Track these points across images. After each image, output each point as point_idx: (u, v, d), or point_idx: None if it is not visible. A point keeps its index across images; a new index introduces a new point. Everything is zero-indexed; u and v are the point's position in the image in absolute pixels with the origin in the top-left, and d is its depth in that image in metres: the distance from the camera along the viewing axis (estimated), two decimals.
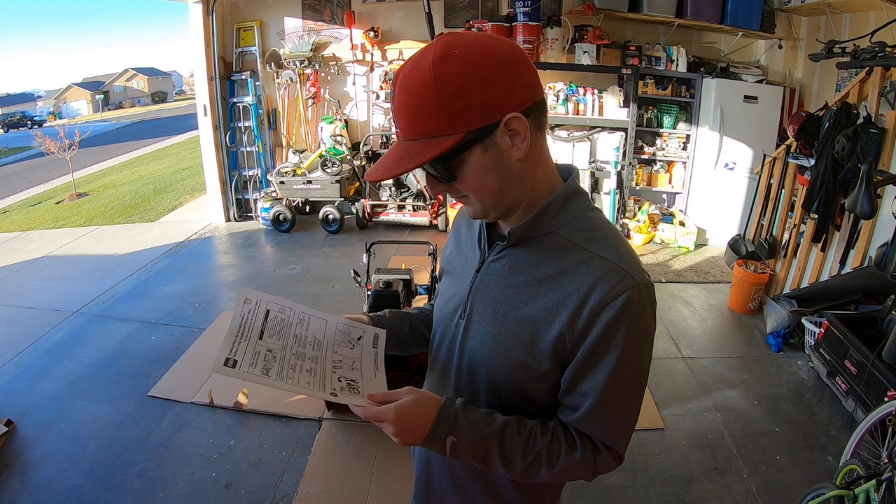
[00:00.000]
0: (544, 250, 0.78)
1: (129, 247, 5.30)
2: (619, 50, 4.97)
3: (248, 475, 2.32)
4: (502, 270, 0.81)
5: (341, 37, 5.34)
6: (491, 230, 0.87)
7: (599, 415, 0.77)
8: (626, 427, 0.80)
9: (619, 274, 0.72)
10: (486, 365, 0.82)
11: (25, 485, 2.28)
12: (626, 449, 0.81)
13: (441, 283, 0.98)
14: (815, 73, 4.64)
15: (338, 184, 5.18)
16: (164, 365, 3.11)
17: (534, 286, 0.77)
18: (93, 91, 41.30)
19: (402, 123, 0.72)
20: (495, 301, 0.81)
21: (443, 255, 1.01)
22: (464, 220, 0.97)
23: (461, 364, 0.86)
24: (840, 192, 2.99)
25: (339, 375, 0.82)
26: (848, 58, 2.93)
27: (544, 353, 0.76)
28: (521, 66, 0.70)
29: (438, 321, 0.94)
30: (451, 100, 0.67)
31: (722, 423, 2.63)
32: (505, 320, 0.79)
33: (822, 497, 1.78)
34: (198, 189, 7.94)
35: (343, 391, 0.80)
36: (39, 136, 10.17)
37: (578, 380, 0.76)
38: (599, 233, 0.78)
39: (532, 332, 0.76)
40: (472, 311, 0.84)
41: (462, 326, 0.86)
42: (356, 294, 3.82)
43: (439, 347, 0.93)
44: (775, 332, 3.30)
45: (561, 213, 0.78)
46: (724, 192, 4.83)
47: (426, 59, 0.68)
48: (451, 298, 0.90)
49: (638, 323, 0.72)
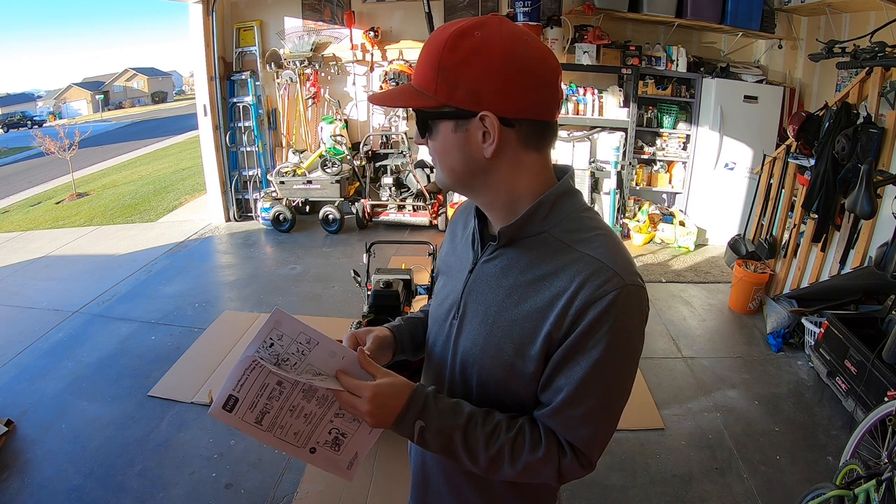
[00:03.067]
0: (535, 251, 0.78)
1: (129, 247, 5.30)
2: (619, 50, 4.97)
3: (248, 475, 2.32)
4: (494, 271, 0.81)
5: (341, 37, 5.34)
6: (484, 231, 0.87)
7: (571, 412, 0.74)
8: (599, 431, 0.76)
9: (607, 273, 0.71)
10: (477, 366, 0.82)
11: (25, 485, 2.28)
12: (598, 457, 0.78)
13: (437, 283, 0.98)
14: (815, 73, 4.64)
15: (338, 184, 5.17)
16: (164, 365, 3.11)
17: (524, 287, 0.77)
18: (93, 91, 41.31)
19: (416, 67, 0.77)
20: (487, 302, 0.81)
21: (439, 256, 1.01)
22: (460, 221, 0.97)
23: (454, 364, 0.86)
24: (840, 192, 2.98)
25: (335, 427, 0.81)
26: (848, 58, 2.93)
27: (534, 355, 0.76)
28: (534, 81, 0.71)
29: (433, 321, 0.94)
30: (447, 70, 0.71)
31: (722, 423, 2.63)
32: (496, 322, 0.79)
33: (822, 497, 1.78)
34: (198, 189, 7.94)
35: (323, 447, 0.81)
36: (39, 136, 10.17)
37: (555, 374, 0.75)
38: (591, 233, 0.77)
39: (522, 334, 0.76)
40: (464, 311, 0.84)
41: (455, 327, 0.86)
42: (356, 294, 3.82)
43: (433, 347, 0.93)
44: (775, 332, 3.30)
45: (552, 213, 0.78)
46: (724, 192, 4.83)
47: (458, 25, 0.72)
48: (445, 299, 0.90)
49: (623, 323, 0.71)
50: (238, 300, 4.05)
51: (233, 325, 3.56)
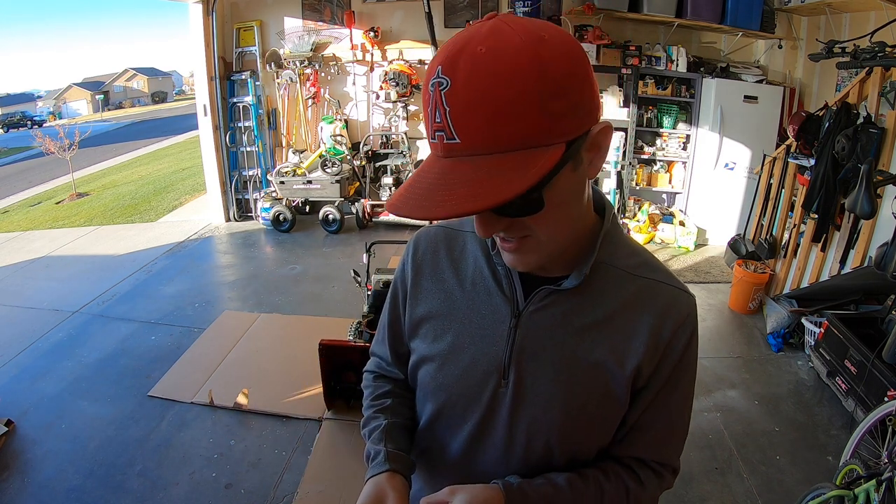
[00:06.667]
0: (596, 286, 0.67)
1: (129, 247, 5.30)
2: (619, 50, 4.97)
3: (248, 475, 2.32)
4: (554, 319, 0.68)
5: (341, 37, 5.34)
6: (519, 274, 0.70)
7: (666, 438, 0.74)
8: (682, 441, 0.76)
9: (676, 293, 0.69)
10: (554, 430, 0.70)
11: (25, 485, 2.28)
12: None
13: (430, 343, 0.75)
14: (815, 73, 4.63)
15: (338, 184, 5.17)
16: (164, 365, 3.11)
17: (597, 328, 0.67)
18: (93, 91, 41.28)
19: (474, 126, 0.50)
20: (554, 356, 0.68)
21: (419, 305, 0.76)
22: (444, 259, 0.76)
23: (513, 437, 0.71)
24: (840, 192, 2.98)
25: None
26: (848, 58, 2.92)
27: (622, 395, 0.69)
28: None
29: (450, 399, 0.74)
30: (553, 96, 0.50)
31: (722, 423, 2.63)
32: (573, 375, 0.68)
33: (822, 497, 1.78)
34: (198, 189, 7.94)
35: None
36: (39, 136, 10.16)
37: (650, 407, 0.70)
38: (642, 256, 0.71)
39: (605, 379, 0.68)
40: (520, 375, 0.69)
41: (508, 396, 0.70)
42: (356, 294, 3.82)
43: (455, 431, 0.75)
44: (775, 332, 3.30)
45: (610, 240, 0.69)
46: (724, 192, 4.83)
47: (509, 36, 0.50)
48: (470, 366, 0.72)
49: (697, 334, 0.71)
50: (238, 300, 4.05)
51: (233, 325, 3.56)
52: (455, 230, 0.77)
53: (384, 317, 0.85)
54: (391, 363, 0.86)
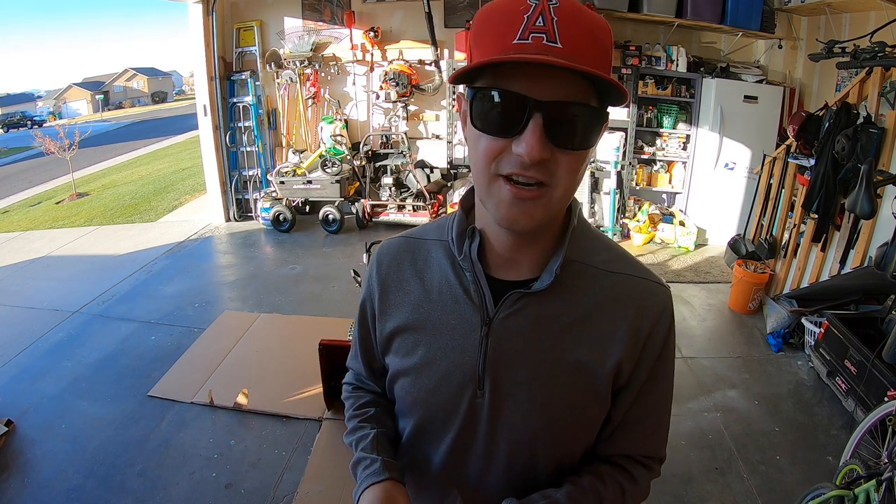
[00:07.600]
0: (568, 286, 0.67)
1: (128, 247, 5.30)
2: (619, 50, 4.96)
3: (248, 475, 2.32)
4: (527, 323, 0.67)
5: (341, 37, 5.34)
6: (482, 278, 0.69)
7: (653, 432, 0.75)
8: (667, 431, 0.77)
9: (652, 287, 0.70)
10: (537, 436, 0.69)
11: (25, 485, 2.28)
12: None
13: (402, 357, 0.73)
14: (815, 73, 4.64)
15: (338, 184, 5.17)
16: (164, 365, 3.11)
17: (575, 328, 0.67)
18: (93, 91, 41.26)
19: (577, 39, 0.53)
20: (531, 361, 0.67)
21: (389, 320, 0.74)
22: (408, 270, 0.74)
23: (492, 449, 0.71)
24: (840, 192, 2.98)
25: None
26: (848, 58, 2.92)
27: (604, 393, 0.69)
28: None
29: (428, 412, 0.73)
30: (609, 52, 0.57)
31: (722, 423, 2.63)
32: (553, 379, 0.67)
33: (821, 497, 1.78)
34: (198, 189, 7.93)
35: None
36: (39, 136, 10.16)
37: (634, 403, 0.71)
38: (613, 251, 0.72)
39: (589, 379, 0.67)
40: (496, 383, 0.68)
41: (484, 407, 0.69)
42: (356, 294, 3.81)
43: (436, 444, 0.74)
44: (775, 332, 3.30)
45: (580, 235, 0.69)
46: (724, 192, 4.83)
47: (582, 6, 0.56)
48: (444, 379, 0.70)
49: (674, 325, 0.72)
50: (238, 300, 4.05)
51: (233, 325, 3.56)
52: (418, 239, 0.75)
53: (355, 332, 0.83)
54: (367, 377, 0.86)
